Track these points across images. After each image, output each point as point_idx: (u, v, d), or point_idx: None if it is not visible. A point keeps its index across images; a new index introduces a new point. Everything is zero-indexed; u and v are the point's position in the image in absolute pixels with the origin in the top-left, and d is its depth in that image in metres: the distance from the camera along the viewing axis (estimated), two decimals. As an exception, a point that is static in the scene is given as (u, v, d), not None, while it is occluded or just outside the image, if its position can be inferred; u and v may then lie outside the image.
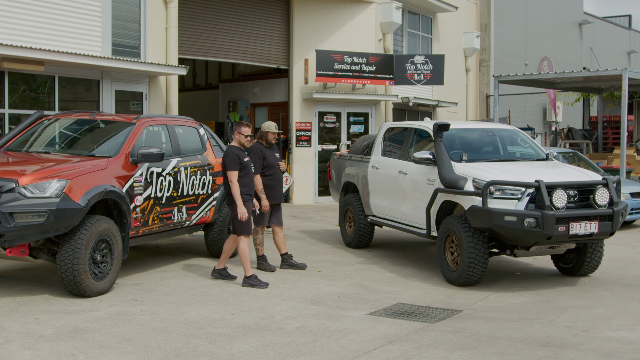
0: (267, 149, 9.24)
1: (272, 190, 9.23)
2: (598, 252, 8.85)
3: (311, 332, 6.44)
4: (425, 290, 8.31)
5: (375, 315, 7.12)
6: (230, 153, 8.21)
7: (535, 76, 16.87)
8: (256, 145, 9.22)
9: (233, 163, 8.17)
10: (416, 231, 9.50)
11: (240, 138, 8.42)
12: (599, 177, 8.42)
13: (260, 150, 9.17)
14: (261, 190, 9.05)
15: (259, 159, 9.12)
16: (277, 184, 9.31)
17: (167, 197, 8.76)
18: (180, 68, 12.38)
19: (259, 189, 9.03)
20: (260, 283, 8.23)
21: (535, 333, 6.48)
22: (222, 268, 8.63)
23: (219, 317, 6.91)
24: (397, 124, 10.79)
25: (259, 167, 9.09)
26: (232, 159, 8.19)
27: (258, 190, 9.02)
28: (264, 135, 9.23)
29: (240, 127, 8.44)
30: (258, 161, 9.08)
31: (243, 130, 8.44)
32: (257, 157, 9.10)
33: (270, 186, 9.21)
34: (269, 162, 9.20)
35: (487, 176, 8.21)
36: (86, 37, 11.70)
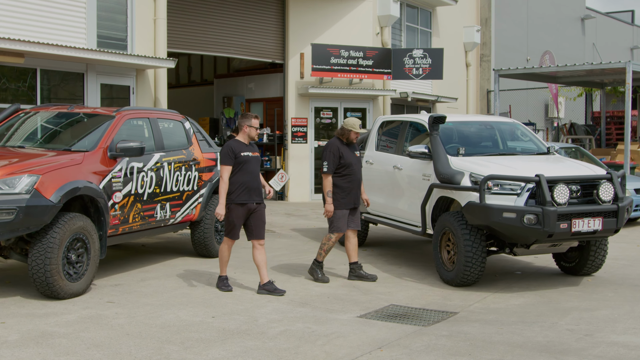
0: (345, 146, 8.24)
1: (349, 194, 8.18)
2: (602, 250, 8.41)
3: (295, 337, 6.02)
4: (420, 291, 7.88)
5: (365, 318, 6.70)
6: (226, 146, 7.50)
7: (537, 70, 16.43)
8: (333, 142, 8.27)
9: (225, 157, 7.43)
10: (411, 229, 9.08)
11: (250, 132, 7.58)
12: (602, 172, 7.99)
13: (337, 147, 8.18)
14: (328, 193, 8.08)
15: (334, 157, 8.14)
16: (354, 187, 8.23)
17: (149, 194, 8.34)
18: (168, 61, 11.95)
19: (325, 190, 8.12)
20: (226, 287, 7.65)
21: (535, 337, 6.05)
22: (266, 282, 7.61)
23: (198, 320, 6.49)
24: (392, 117, 10.38)
25: (333, 166, 8.13)
26: (225, 152, 7.45)
27: (325, 191, 8.13)
28: (345, 133, 8.21)
29: (250, 120, 7.58)
30: (333, 159, 8.13)
31: (254, 122, 7.59)
32: (332, 154, 8.14)
33: (347, 189, 8.17)
34: (346, 161, 8.17)
35: (485, 170, 7.79)
36: (70, 28, 11.26)
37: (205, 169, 9.44)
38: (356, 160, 8.32)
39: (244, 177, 7.46)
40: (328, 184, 8.14)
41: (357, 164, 8.33)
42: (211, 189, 9.49)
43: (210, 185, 9.50)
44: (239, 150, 7.48)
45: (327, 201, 8.15)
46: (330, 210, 8.13)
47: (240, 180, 7.46)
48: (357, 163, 8.33)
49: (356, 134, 8.21)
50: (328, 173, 8.13)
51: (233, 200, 7.47)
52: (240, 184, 7.46)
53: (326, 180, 8.15)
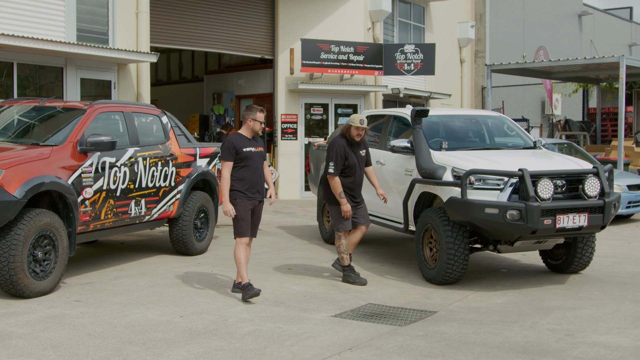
0: (350, 146, 7.81)
1: (351, 193, 7.89)
2: (589, 247, 8.16)
3: (264, 337, 5.78)
4: (401, 290, 7.64)
5: (340, 318, 6.46)
6: (227, 141, 7.03)
7: (530, 64, 16.16)
8: (338, 141, 7.81)
9: (226, 152, 6.97)
10: (394, 226, 8.84)
11: (254, 126, 7.08)
12: (589, 166, 7.74)
13: (343, 147, 7.76)
14: (340, 194, 7.73)
15: (341, 157, 7.74)
16: (355, 187, 7.92)
17: (123, 190, 8.09)
18: (150, 55, 11.70)
19: (336, 192, 7.76)
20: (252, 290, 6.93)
21: (514, 338, 5.80)
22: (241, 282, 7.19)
23: (165, 320, 6.25)
24: (375, 112, 10.13)
25: (339, 168, 7.74)
26: (226, 147, 6.99)
27: (336, 194, 7.77)
28: (346, 129, 7.78)
29: (255, 113, 7.07)
30: (339, 160, 7.73)
31: (259, 116, 7.08)
32: (338, 155, 7.73)
33: (349, 189, 7.87)
34: (349, 163, 7.80)
35: (467, 165, 7.54)
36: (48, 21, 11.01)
37: (183, 165, 9.19)
38: (360, 161, 7.95)
39: (247, 172, 7.06)
40: (338, 186, 7.77)
41: (361, 165, 7.97)
42: (189, 185, 9.25)
43: (189, 181, 9.25)
44: (241, 146, 7.03)
45: (341, 203, 7.77)
46: (348, 211, 7.80)
47: (245, 176, 7.05)
48: (361, 164, 7.97)
49: (356, 128, 7.78)
50: (334, 175, 7.77)
51: (238, 195, 7.04)
52: (245, 180, 7.06)
53: (334, 182, 7.77)
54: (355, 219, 8.01)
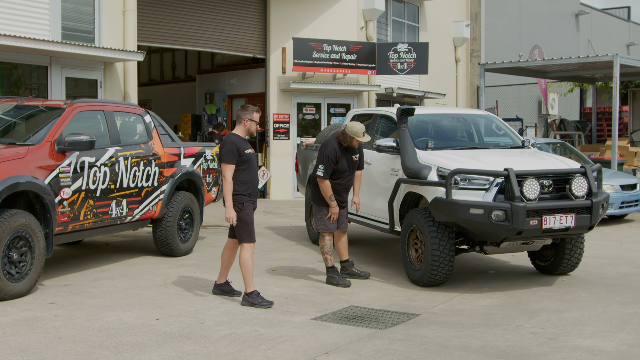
0: (343, 151, 7.66)
1: (337, 196, 7.76)
2: (578, 248, 8.01)
3: (239, 341, 5.64)
4: (385, 292, 7.50)
5: (320, 321, 6.31)
6: (228, 142, 6.68)
7: (523, 64, 16.01)
8: (332, 144, 7.65)
9: (229, 155, 6.61)
10: (380, 226, 8.70)
11: (251, 126, 6.83)
12: (576, 165, 7.59)
13: (335, 151, 7.60)
14: (330, 197, 7.60)
15: (331, 162, 7.59)
16: (342, 190, 7.79)
17: (103, 190, 7.95)
18: (136, 54, 11.55)
19: (327, 196, 7.62)
20: (262, 301, 6.71)
21: (496, 341, 5.66)
22: (222, 282, 7.16)
23: (140, 322, 6.11)
24: (363, 111, 9.99)
25: (329, 172, 7.61)
26: (229, 149, 6.63)
27: (326, 197, 7.63)
28: (347, 140, 7.61)
29: (252, 113, 6.83)
30: (329, 164, 7.58)
31: (255, 116, 6.85)
32: (329, 160, 7.57)
33: (336, 192, 7.73)
34: (339, 168, 7.67)
35: (453, 165, 7.39)
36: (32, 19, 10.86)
37: (167, 165, 9.05)
38: (351, 166, 7.80)
39: (249, 175, 6.79)
40: (327, 189, 7.63)
41: (351, 170, 7.83)
42: (173, 185, 9.10)
43: (173, 181, 9.11)
44: (243, 148, 6.74)
45: (331, 205, 7.65)
46: (336, 213, 7.69)
47: (247, 179, 6.78)
48: (352, 169, 7.83)
49: (358, 142, 7.67)
50: (324, 179, 7.63)
51: (245, 199, 6.76)
52: (248, 183, 6.79)
53: (324, 185, 7.63)
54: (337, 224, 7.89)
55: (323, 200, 7.77)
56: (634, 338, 5.71)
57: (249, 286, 6.84)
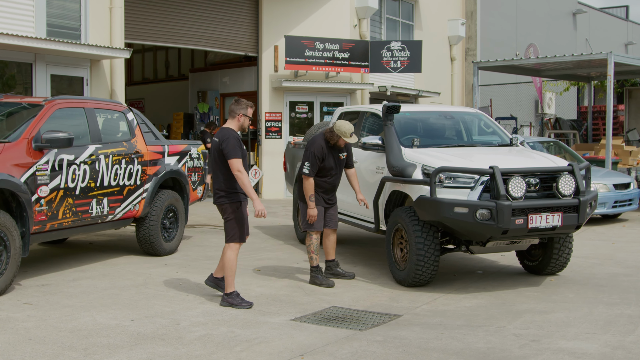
0: (329, 149, 7.54)
1: (324, 195, 7.66)
2: (566, 248, 7.87)
3: (213, 343, 5.50)
4: (369, 292, 7.35)
5: (299, 322, 6.17)
6: (232, 137, 6.50)
7: (517, 62, 15.86)
8: (319, 142, 7.51)
9: (236, 149, 6.46)
10: (365, 225, 8.56)
11: (244, 122, 6.68)
12: (563, 163, 7.45)
13: (322, 148, 7.47)
14: (310, 197, 7.46)
15: (317, 159, 7.44)
16: (329, 188, 7.66)
17: (82, 188, 7.81)
18: (122, 51, 11.40)
19: (307, 194, 7.48)
20: (241, 302, 6.58)
21: (477, 343, 5.52)
22: (220, 277, 6.94)
23: (114, 323, 5.97)
24: (351, 108, 9.84)
25: (314, 170, 7.45)
26: (235, 144, 6.47)
27: (307, 196, 7.49)
28: (334, 138, 7.46)
29: (247, 108, 6.68)
30: (315, 162, 7.42)
31: (249, 111, 6.70)
32: (314, 157, 7.42)
33: (323, 190, 7.63)
34: (325, 166, 7.53)
35: (438, 162, 7.25)
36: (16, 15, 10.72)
37: (150, 163, 8.91)
38: (338, 164, 7.67)
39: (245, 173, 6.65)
40: (310, 188, 7.50)
41: (338, 168, 7.69)
42: (156, 184, 8.97)
43: (156, 179, 8.97)
44: (241, 144, 6.60)
45: (309, 205, 7.52)
46: (314, 215, 7.54)
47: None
48: (339, 167, 7.69)
49: (345, 142, 7.54)
50: (309, 176, 7.49)
51: (241, 197, 6.63)
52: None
53: (307, 183, 7.50)
54: (324, 221, 7.75)
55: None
56: (618, 340, 5.57)
57: (229, 286, 6.70)
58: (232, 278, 6.69)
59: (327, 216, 7.81)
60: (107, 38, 11.90)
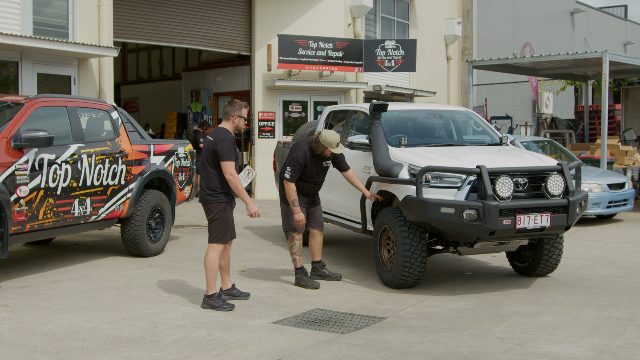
0: (314, 157, 7.39)
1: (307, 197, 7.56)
2: (556, 249, 7.72)
3: (190, 346, 5.36)
4: (354, 294, 7.22)
5: (280, 324, 6.03)
6: (227, 139, 6.40)
7: (512, 60, 15.72)
8: (303, 148, 7.37)
9: (230, 152, 6.37)
10: (353, 226, 8.42)
11: (239, 123, 6.58)
12: (553, 163, 7.31)
13: (305, 155, 7.33)
14: (293, 202, 7.31)
15: (299, 166, 7.32)
16: (310, 192, 7.57)
17: (64, 188, 7.68)
18: (110, 49, 11.25)
19: (290, 199, 7.34)
20: (223, 304, 6.45)
21: (460, 347, 5.38)
22: (230, 287, 6.82)
23: (91, 326, 5.84)
24: (339, 107, 9.71)
25: (296, 176, 7.34)
26: (229, 146, 6.37)
27: (289, 201, 7.36)
28: (320, 149, 7.31)
29: (241, 109, 6.59)
30: (297, 168, 7.31)
31: (244, 112, 6.61)
32: (297, 163, 7.30)
33: (305, 193, 7.53)
34: (307, 172, 7.40)
35: (425, 162, 7.11)
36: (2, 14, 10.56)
37: (135, 162, 8.78)
38: (321, 172, 7.54)
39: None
40: (292, 193, 7.36)
41: (321, 176, 7.57)
42: (142, 183, 8.83)
43: (141, 179, 8.84)
44: (235, 146, 6.54)
45: (294, 211, 7.38)
46: (300, 220, 7.40)
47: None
48: (321, 174, 7.57)
49: (330, 152, 7.38)
50: (290, 181, 7.36)
51: (230, 198, 6.54)
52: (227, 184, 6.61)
53: (289, 188, 7.36)
54: (308, 222, 7.63)
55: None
56: (605, 344, 5.43)
57: (210, 288, 6.57)
58: (213, 280, 6.57)
59: (311, 216, 7.68)
60: (95, 36, 11.76)
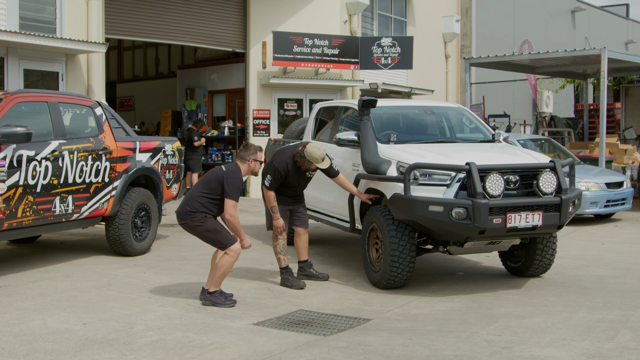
0: (296, 169, 7.19)
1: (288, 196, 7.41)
2: (550, 248, 7.51)
3: (164, 349, 5.16)
4: (341, 294, 7.02)
5: (261, 326, 5.84)
6: (238, 179, 6.29)
7: (509, 58, 15.50)
8: (286, 158, 7.16)
9: (238, 192, 6.28)
10: (341, 224, 8.22)
11: (255, 167, 6.48)
12: (545, 160, 7.10)
13: (287, 167, 7.12)
14: (272, 208, 7.16)
15: (280, 177, 7.13)
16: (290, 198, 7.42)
17: (44, 186, 7.49)
18: (98, 45, 11.06)
19: (270, 205, 7.18)
20: (225, 301, 6.39)
21: (444, 350, 5.18)
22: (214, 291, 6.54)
23: (64, 327, 5.65)
24: (329, 103, 9.51)
25: (275, 185, 7.16)
26: (239, 186, 6.29)
27: (269, 207, 7.21)
28: (305, 164, 7.11)
29: (256, 153, 6.45)
30: (277, 178, 7.12)
31: (259, 156, 6.50)
32: (278, 174, 7.11)
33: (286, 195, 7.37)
34: (288, 183, 7.25)
35: (413, 159, 6.89)
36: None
37: (119, 159, 8.58)
38: (303, 182, 7.38)
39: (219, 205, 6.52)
40: (272, 199, 7.18)
41: (302, 186, 7.42)
42: (127, 181, 8.64)
43: (126, 176, 8.65)
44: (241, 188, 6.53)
45: (273, 217, 7.23)
46: (279, 226, 7.25)
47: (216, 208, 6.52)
48: (303, 184, 7.41)
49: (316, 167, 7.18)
50: (270, 190, 7.18)
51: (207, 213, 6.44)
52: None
53: (268, 195, 7.19)
54: (292, 220, 7.44)
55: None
56: (596, 347, 5.22)
57: (215, 286, 6.44)
58: (221, 279, 6.48)
59: (294, 214, 7.49)
60: (84, 32, 11.56)
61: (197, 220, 6.33)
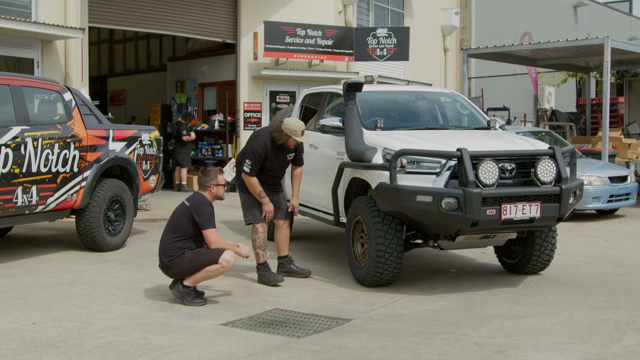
0: (275, 149, 6.71)
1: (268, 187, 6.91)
2: (549, 243, 6.95)
3: (116, 352, 4.62)
4: (322, 292, 6.47)
5: (229, 327, 5.30)
6: (207, 204, 5.95)
7: (508, 48, 14.93)
8: (264, 139, 6.68)
9: (212, 218, 5.94)
10: (325, 217, 7.68)
11: (218, 191, 6.09)
12: (544, 147, 6.55)
13: (265, 148, 6.65)
14: (260, 193, 6.71)
15: (259, 160, 6.66)
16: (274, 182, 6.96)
17: (4, 174, 6.96)
18: (75, 30, 10.51)
19: (255, 192, 6.73)
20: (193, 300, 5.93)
21: (429, 355, 4.63)
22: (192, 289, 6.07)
23: (11, 327, 5.11)
24: (315, 89, 8.96)
25: (255, 170, 6.67)
26: (211, 213, 5.93)
27: (255, 194, 6.75)
28: (282, 138, 6.63)
29: (216, 177, 6.09)
30: (257, 161, 6.65)
31: (220, 179, 6.12)
32: (257, 156, 6.63)
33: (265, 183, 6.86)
34: (267, 166, 6.76)
35: (401, 145, 6.35)
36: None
37: (90, 148, 8.04)
38: (283, 165, 6.87)
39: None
40: (256, 185, 6.69)
41: (282, 170, 6.92)
42: (98, 171, 8.10)
43: (97, 166, 8.11)
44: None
45: (262, 202, 6.72)
46: (270, 211, 6.75)
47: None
48: (282, 168, 6.90)
49: (295, 141, 6.69)
50: (250, 175, 6.67)
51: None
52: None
53: (251, 181, 6.68)
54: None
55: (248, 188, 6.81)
56: (599, 352, 4.67)
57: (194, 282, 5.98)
58: (201, 281, 6.03)
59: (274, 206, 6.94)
60: (62, 17, 11.02)
61: (179, 262, 5.91)
